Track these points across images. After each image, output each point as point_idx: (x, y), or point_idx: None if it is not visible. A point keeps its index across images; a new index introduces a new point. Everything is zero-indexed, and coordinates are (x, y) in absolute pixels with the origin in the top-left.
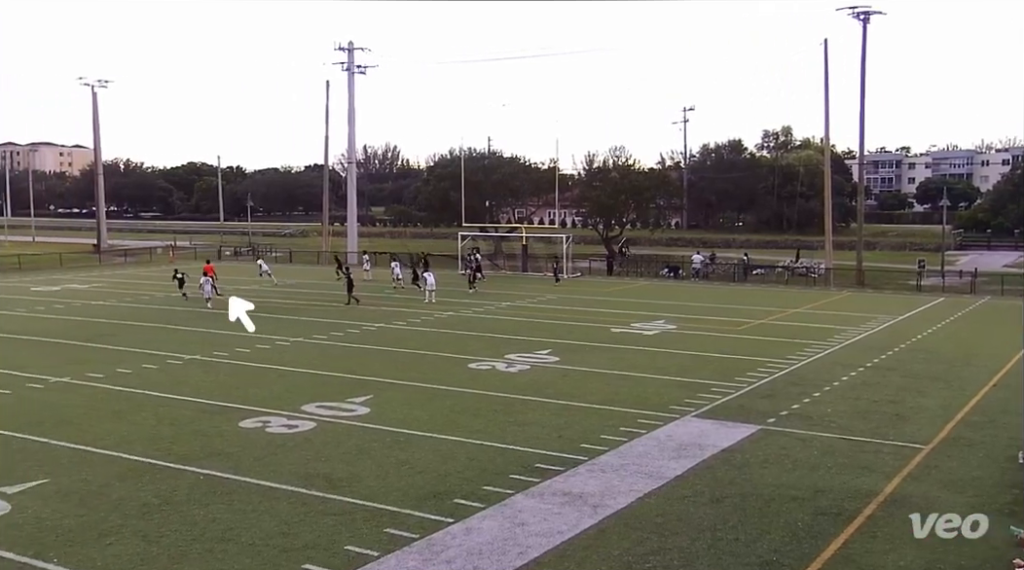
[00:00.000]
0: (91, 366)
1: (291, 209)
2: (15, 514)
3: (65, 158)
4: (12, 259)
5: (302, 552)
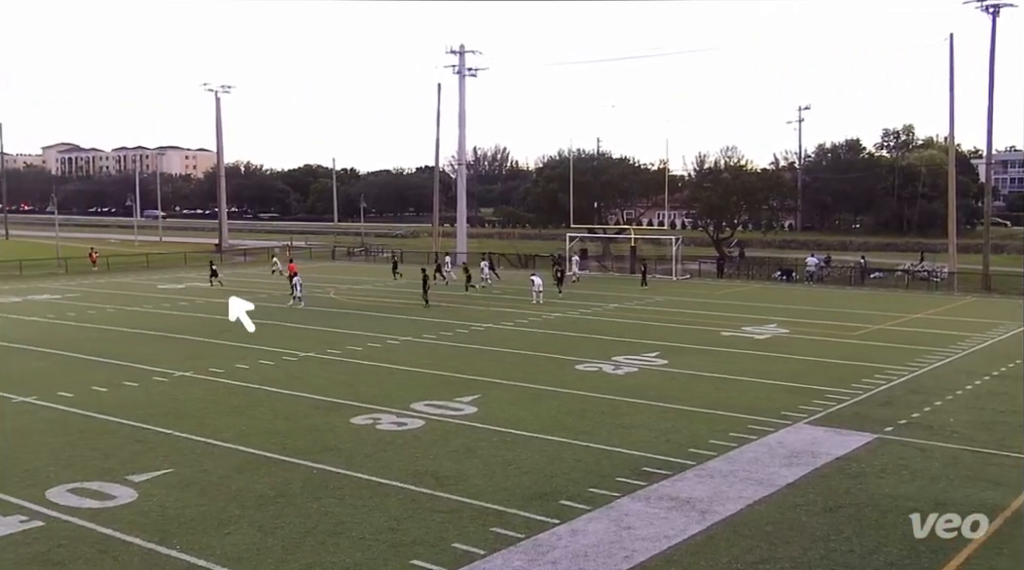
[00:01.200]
0: (212, 361)
1: (402, 210)
2: (141, 501)
3: (190, 161)
4: (141, 258)
5: (410, 548)
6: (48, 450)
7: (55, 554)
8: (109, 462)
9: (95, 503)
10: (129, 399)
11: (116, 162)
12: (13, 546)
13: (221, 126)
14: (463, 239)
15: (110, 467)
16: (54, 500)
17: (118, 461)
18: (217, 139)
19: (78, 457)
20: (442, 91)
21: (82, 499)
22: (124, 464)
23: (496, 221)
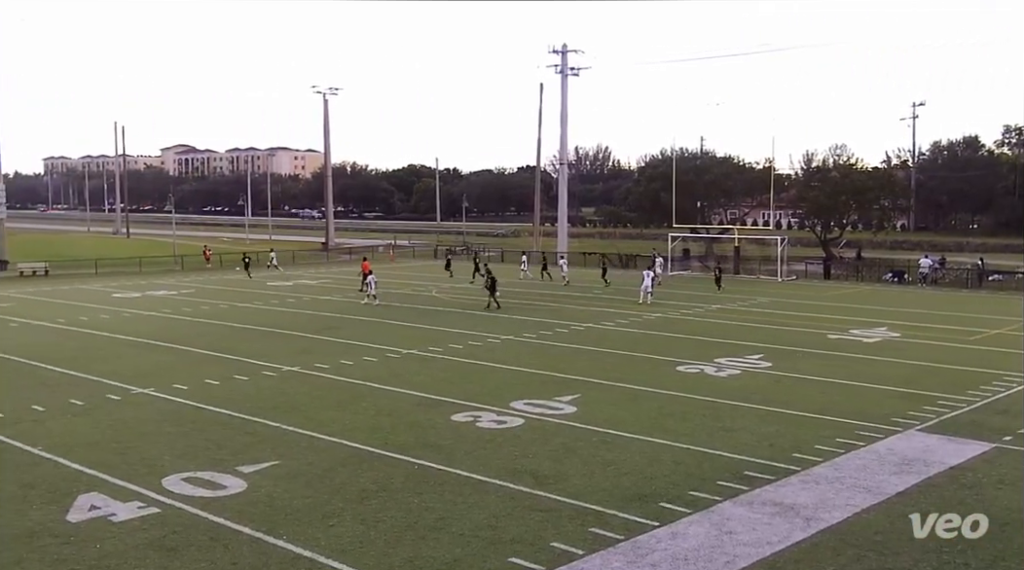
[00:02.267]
0: (318, 357)
1: (504, 209)
2: (250, 492)
3: (299, 161)
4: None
5: (509, 545)
6: (164, 440)
7: (170, 540)
8: (220, 453)
9: (207, 492)
10: (239, 392)
11: (229, 163)
12: (131, 531)
13: (328, 127)
14: (564, 239)
15: (221, 458)
16: (169, 488)
17: (229, 452)
18: (324, 140)
19: (191, 447)
20: (544, 91)
21: (195, 488)
22: (234, 455)
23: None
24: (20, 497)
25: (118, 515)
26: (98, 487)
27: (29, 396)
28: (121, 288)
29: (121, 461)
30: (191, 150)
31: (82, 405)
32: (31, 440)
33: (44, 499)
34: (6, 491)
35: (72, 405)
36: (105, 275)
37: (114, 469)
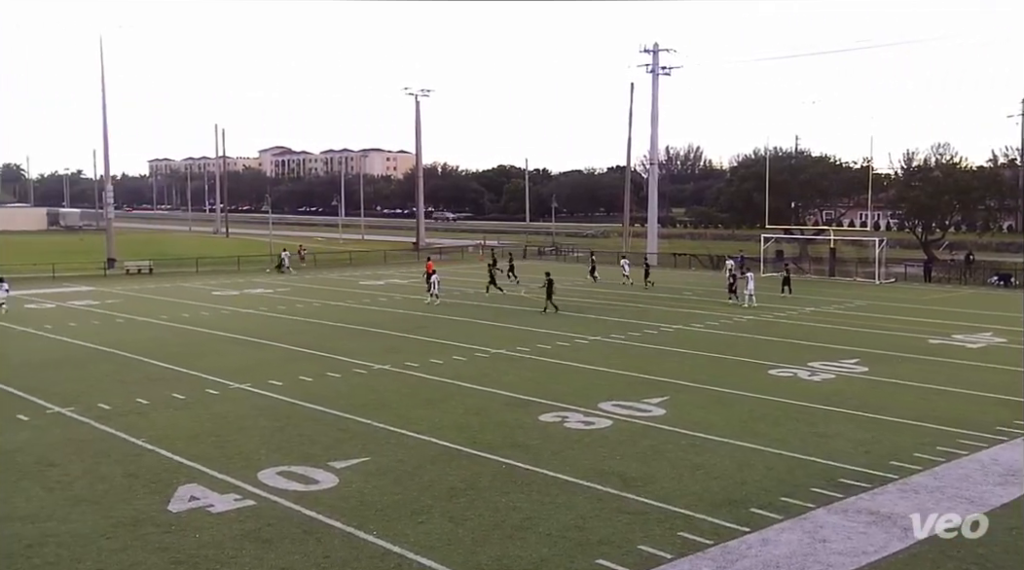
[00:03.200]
0: (407, 355)
1: (593, 210)
2: (342, 487)
3: (391, 162)
4: (345, 255)
5: (596, 547)
6: (260, 434)
7: (265, 532)
8: (313, 448)
9: (300, 486)
10: (332, 389)
11: (323, 164)
12: (228, 523)
13: (420, 129)
14: (654, 239)
15: (314, 453)
16: (264, 482)
17: (321, 447)
18: (416, 141)
19: (286, 442)
20: (635, 90)
21: (289, 482)
22: (327, 451)
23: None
24: (125, 486)
25: (216, 506)
26: (197, 479)
27: (134, 390)
28: (220, 286)
29: (219, 454)
30: (287, 152)
31: (183, 399)
32: (136, 432)
33: (147, 489)
34: (113, 480)
35: (174, 399)
36: (205, 273)
37: (212, 462)
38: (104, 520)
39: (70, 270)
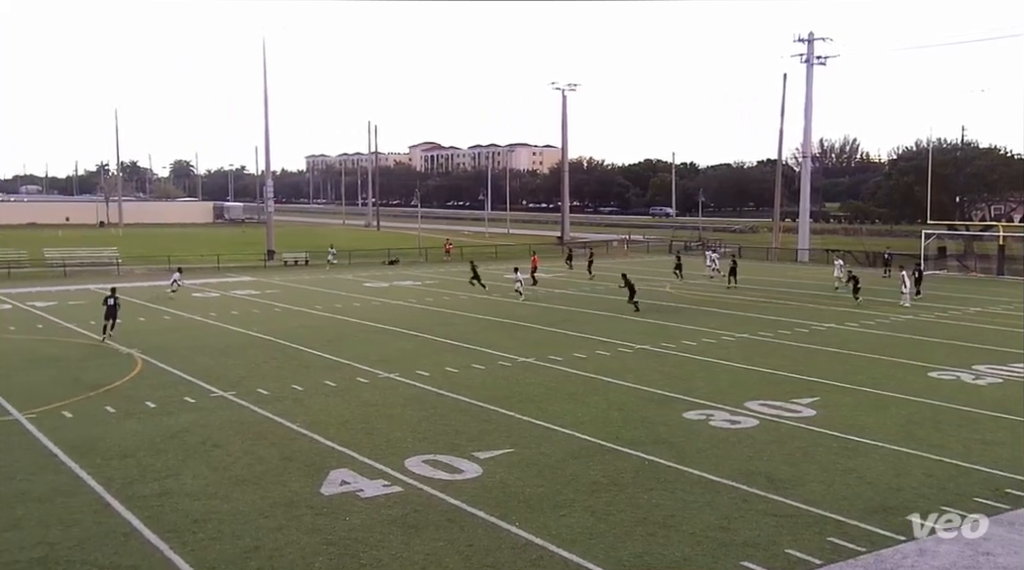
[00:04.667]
0: (551, 349)
1: (741, 204)
2: (485, 477)
3: (537, 157)
4: (490, 249)
5: (741, 549)
6: (407, 423)
7: (411, 518)
8: (458, 438)
9: (445, 475)
10: (477, 381)
11: (471, 159)
12: (377, 508)
13: (566, 123)
14: (805, 235)
15: (459, 443)
16: (411, 469)
17: (466, 438)
18: (562, 136)
19: (431, 431)
20: (787, 81)
21: (435, 470)
22: (471, 441)
23: (842, 217)
24: (281, 469)
25: (365, 491)
26: (348, 464)
27: (290, 376)
28: (371, 278)
29: (368, 441)
30: (436, 147)
31: (335, 386)
32: (291, 416)
33: (301, 472)
34: (270, 462)
35: (326, 386)
36: (357, 265)
37: (362, 448)
38: (261, 500)
39: (233, 261)
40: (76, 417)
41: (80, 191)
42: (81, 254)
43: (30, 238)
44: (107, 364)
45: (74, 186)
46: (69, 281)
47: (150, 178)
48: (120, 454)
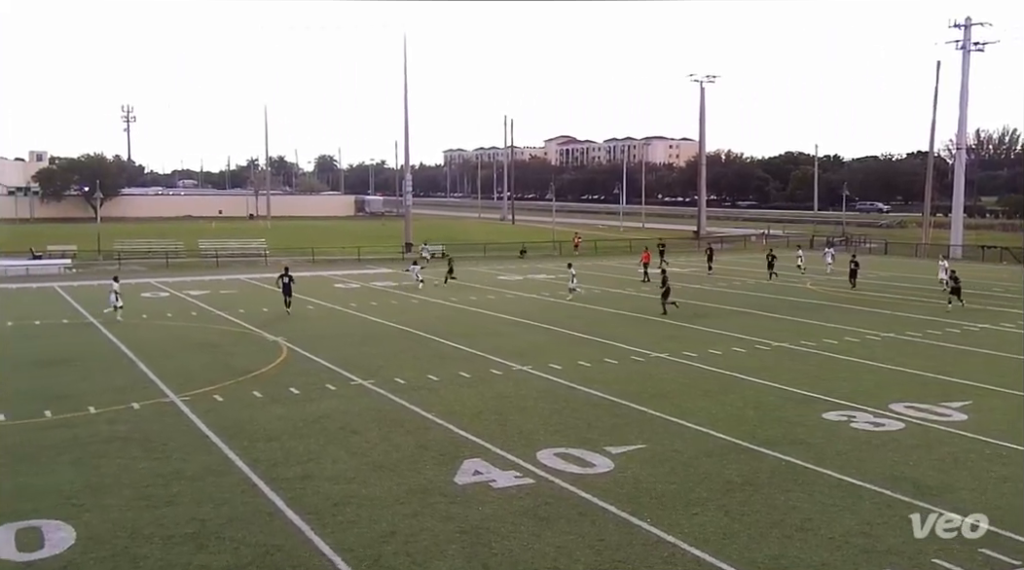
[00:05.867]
0: (686, 344)
1: (889, 198)
2: (617, 472)
3: (673, 150)
4: (624, 243)
5: (884, 556)
6: (539, 415)
7: (542, 510)
8: (590, 432)
9: (576, 468)
10: (609, 375)
11: (606, 152)
12: (508, 498)
13: (704, 115)
14: (958, 230)
15: (591, 437)
16: (543, 461)
17: (598, 432)
18: (700, 128)
19: (564, 424)
20: (941, 69)
21: (566, 463)
22: (603, 435)
23: (1000, 211)
24: (416, 457)
25: (497, 482)
26: (481, 454)
27: (426, 366)
28: (505, 271)
29: (501, 432)
30: (572, 141)
31: (469, 378)
32: (426, 406)
33: (435, 460)
34: (405, 450)
35: (461, 377)
36: (492, 258)
37: (495, 439)
38: (397, 487)
39: (373, 253)
40: (226, 401)
41: (232, 185)
42: (232, 245)
43: (186, 230)
44: (255, 351)
45: (226, 180)
46: (221, 271)
47: (296, 172)
48: (266, 437)
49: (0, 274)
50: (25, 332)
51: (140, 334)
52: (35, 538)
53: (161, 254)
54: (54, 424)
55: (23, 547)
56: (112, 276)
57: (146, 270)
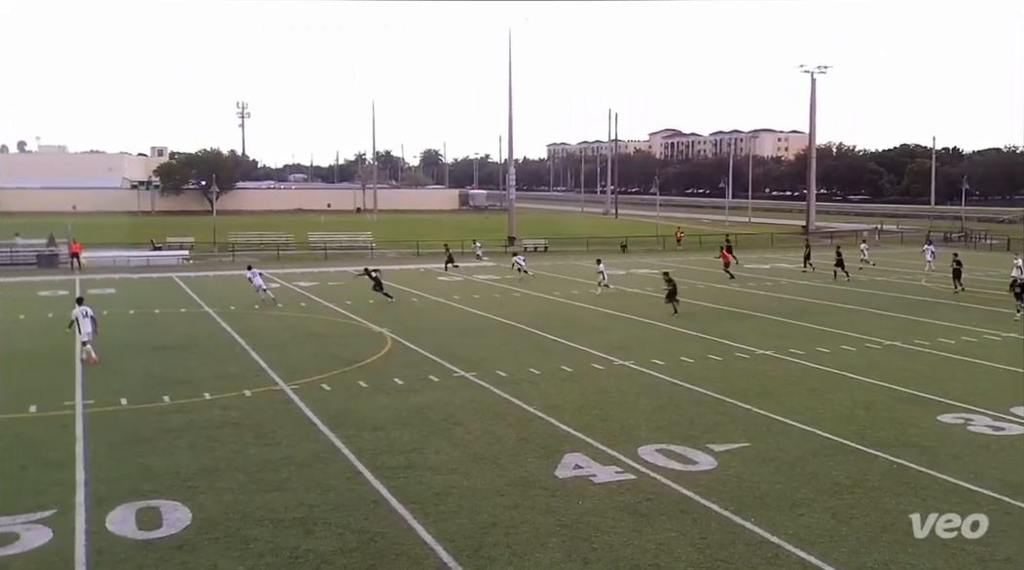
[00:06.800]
0: (792, 342)
1: (1013, 193)
2: (720, 470)
3: (782, 143)
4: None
5: (1002, 566)
6: (641, 411)
7: (643, 507)
8: (693, 429)
9: (678, 465)
10: (713, 372)
11: (712, 146)
12: (609, 493)
13: (815, 107)
14: None
15: (693, 434)
16: (644, 457)
17: (701, 429)
18: (810, 121)
19: (666, 421)
20: None
21: (668, 460)
22: (706, 433)
23: None
24: (517, 449)
25: (598, 477)
26: (582, 448)
27: (527, 359)
28: (607, 265)
29: (602, 427)
30: (677, 134)
31: (571, 371)
32: (527, 399)
33: (537, 453)
34: (507, 442)
35: (562, 371)
36: (594, 252)
37: (596, 433)
38: (499, 478)
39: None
40: (333, 390)
41: (340, 179)
42: (340, 238)
43: (296, 223)
44: (361, 342)
45: (335, 174)
46: (329, 263)
47: (402, 167)
48: (371, 426)
49: (123, 264)
50: (146, 320)
51: (252, 323)
52: (154, 517)
53: (273, 246)
54: (172, 409)
55: (143, 525)
56: (247, 265)
57: (258, 262)
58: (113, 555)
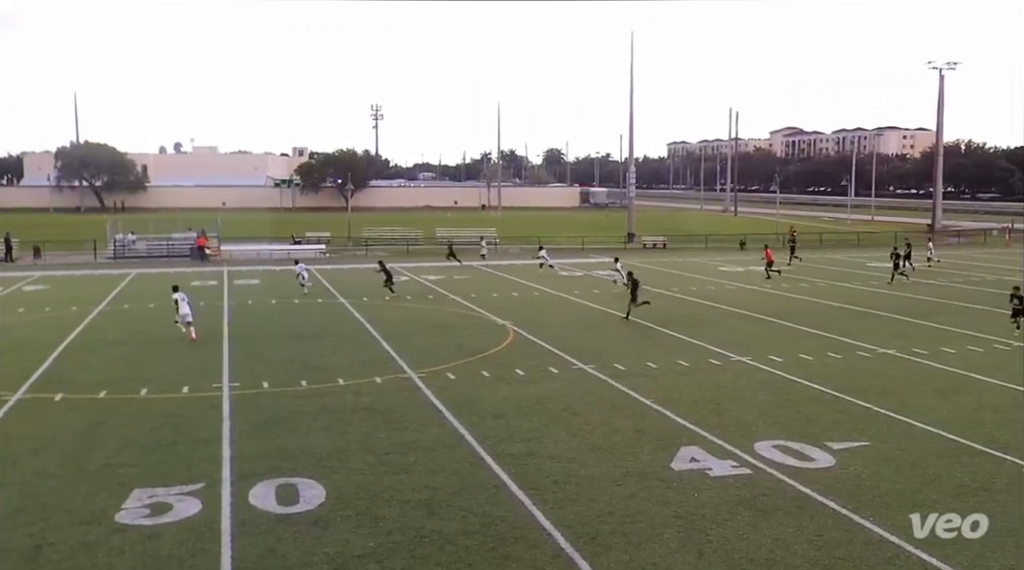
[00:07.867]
0: (916, 342)
1: None
2: (838, 468)
3: (907, 140)
4: (852, 236)
5: None
6: (757, 407)
7: (759, 502)
8: (811, 427)
9: (796, 462)
10: (832, 370)
11: (835, 144)
12: (724, 487)
13: (943, 104)
14: None
15: (811, 431)
16: (760, 453)
17: (819, 427)
18: (938, 117)
19: (783, 417)
20: None
21: (785, 456)
22: (824, 430)
23: None
24: (633, 441)
25: (714, 470)
26: (698, 442)
27: (645, 353)
28: (726, 262)
29: (718, 421)
30: (798, 132)
31: (687, 366)
32: (644, 392)
33: (653, 445)
34: (624, 433)
35: (679, 365)
36: (713, 250)
37: (712, 427)
38: (615, 468)
39: (596, 243)
40: (457, 379)
41: (466, 177)
42: (466, 234)
43: (424, 219)
44: (484, 333)
45: (461, 173)
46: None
47: (525, 165)
48: (493, 415)
49: (266, 257)
50: (286, 309)
51: (382, 314)
52: (292, 494)
53: (403, 241)
54: (308, 393)
55: (281, 501)
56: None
57: (389, 256)
58: (255, 527)
